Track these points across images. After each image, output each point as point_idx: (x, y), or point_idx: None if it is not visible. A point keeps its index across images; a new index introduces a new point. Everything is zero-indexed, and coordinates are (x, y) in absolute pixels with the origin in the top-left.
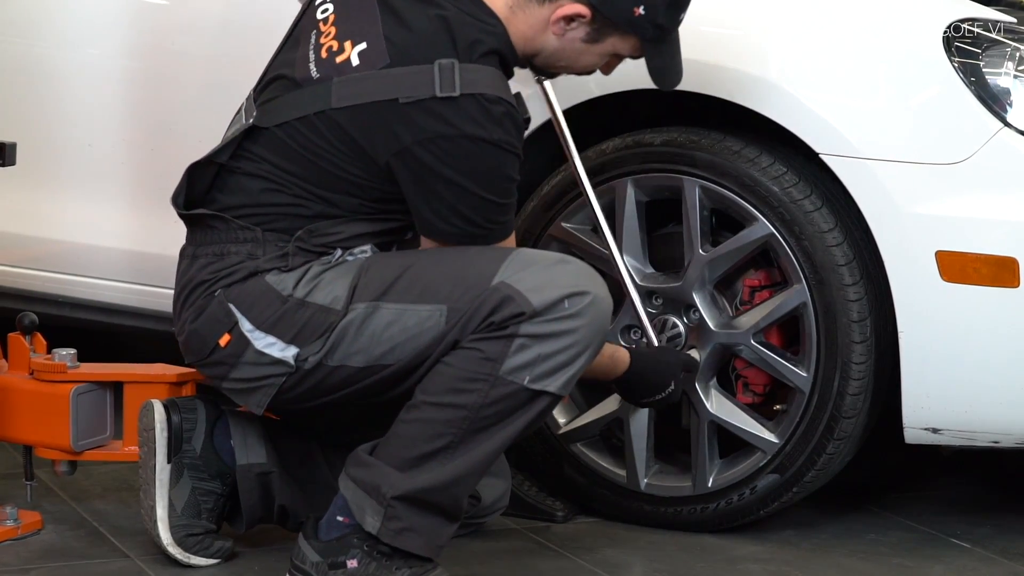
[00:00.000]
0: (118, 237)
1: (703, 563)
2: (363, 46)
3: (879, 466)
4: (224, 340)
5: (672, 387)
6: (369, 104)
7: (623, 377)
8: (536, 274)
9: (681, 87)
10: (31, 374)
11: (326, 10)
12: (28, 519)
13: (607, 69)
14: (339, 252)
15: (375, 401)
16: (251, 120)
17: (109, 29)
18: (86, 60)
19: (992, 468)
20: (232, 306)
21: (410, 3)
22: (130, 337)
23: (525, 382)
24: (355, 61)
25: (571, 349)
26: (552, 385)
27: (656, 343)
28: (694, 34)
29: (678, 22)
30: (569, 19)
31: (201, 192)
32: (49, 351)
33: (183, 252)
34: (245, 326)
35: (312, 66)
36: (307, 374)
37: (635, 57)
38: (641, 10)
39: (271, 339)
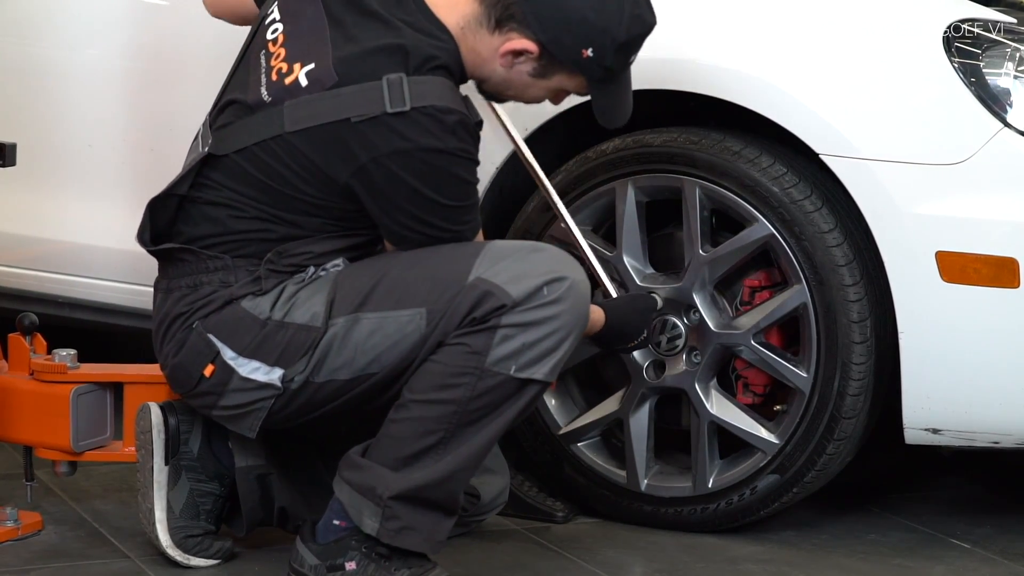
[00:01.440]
0: (118, 237)
1: (703, 564)
2: (311, 67)
3: (879, 467)
4: (208, 371)
5: (645, 334)
6: (322, 126)
7: (601, 332)
8: (512, 265)
9: (681, 87)
10: (31, 375)
11: (276, 30)
12: (28, 520)
13: (556, 100)
14: (312, 269)
15: (367, 408)
16: (207, 148)
17: (109, 29)
18: (86, 60)
19: (992, 468)
20: (212, 336)
21: (359, 18)
22: (130, 337)
23: (512, 372)
24: (304, 82)
25: (555, 335)
26: (539, 372)
27: (615, 295)
28: (694, 34)
29: (627, 64)
30: (517, 53)
31: (165, 225)
32: (49, 351)
33: (157, 285)
34: (227, 354)
35: (263, 90)
36: (295, 394)
37: (581, 95)
38: (589, 52)
39: (255, 364)
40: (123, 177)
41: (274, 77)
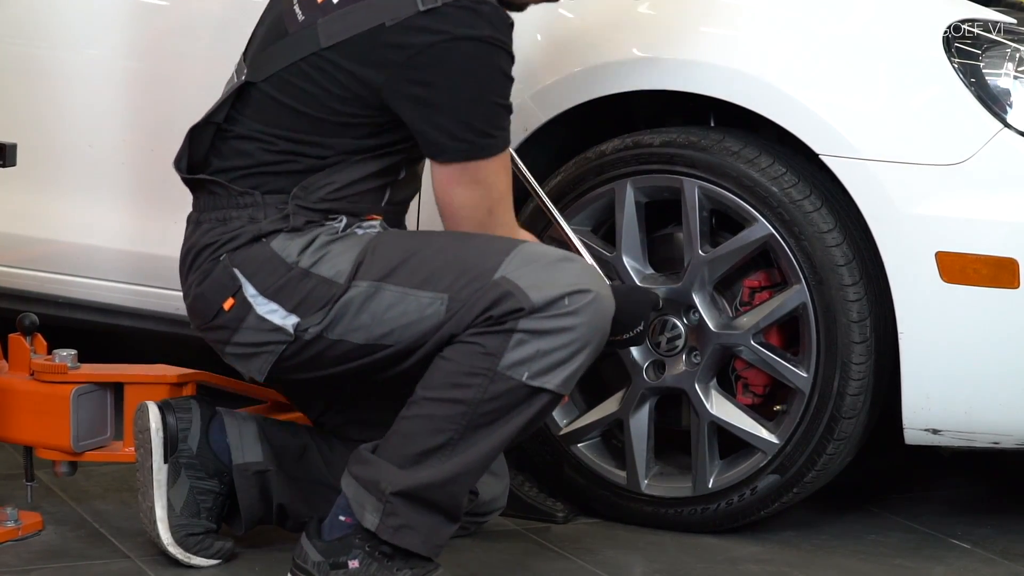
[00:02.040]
0: (118, 238)
1: (704, 564)
2: None
3: (879, 467)
4: (228, 304)
5: (641, 328)
6: (357, 36)
7: None
8: (538, 271)
9: (681, 88)
10: (32, 375)
11: None
12: (29, 520)
13: None
14: (344, 220)
15: (371, 380)
16: (243, 77)
17: (109, 29)
18: (86, 60)
19: (992, 469)
20: (237, 271)
21: None
22: (130, 337)
23: (524, 378)
24: None
25: (570, 346)
26: (551, 382)
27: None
28: (694, 35)
29: None
30: None
31: (201, 156)
32: (49, 352)
33: (189, 218)
34: (249, 291)
35: (297, 10)
36: (307, 344)
37: None
38: None
39: (273, 306)
40: (123, 177)
41: None
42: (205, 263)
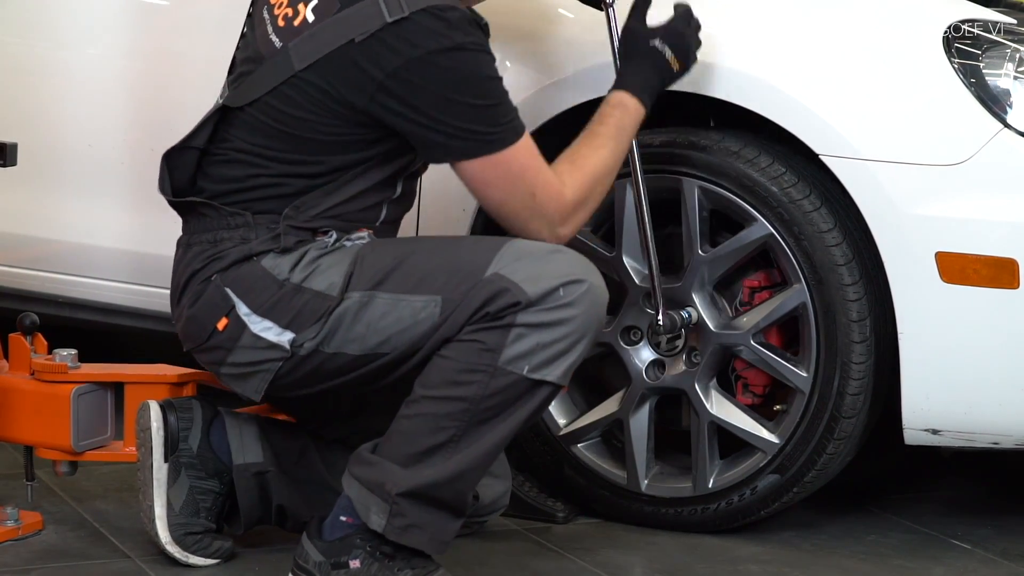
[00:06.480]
0: (118, 237)
1: (704, 564)
2: (315, 1)
3: (880, 467)
4: (222, 324)
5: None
6: (329, 55)
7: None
8: (530, 264)
9: (681, 87)
10: (32, 374)
11: None
12: (29, 519)
13: None
14: (335, 235)
15: (370, 388)
16: (222, 101)
17: (109, 29)
18: (86, 60)
19: (992, 469)
20: (229, 290)
21: None
22: (130, 337)
23: (525, 371)
24: (311, 17)
25: (569, 338)
26: (551, 375)
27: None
28: None
29: None
30: None
31: (186, 180)
32: (50, 351)
33: (179, 242)
34: (242, 310)
35: (273, 37)
36: (303, 360)
37: None
38: None
39: (267, 323)
40: (123, 177)
41: (281, 23)
42: (197, 285)
